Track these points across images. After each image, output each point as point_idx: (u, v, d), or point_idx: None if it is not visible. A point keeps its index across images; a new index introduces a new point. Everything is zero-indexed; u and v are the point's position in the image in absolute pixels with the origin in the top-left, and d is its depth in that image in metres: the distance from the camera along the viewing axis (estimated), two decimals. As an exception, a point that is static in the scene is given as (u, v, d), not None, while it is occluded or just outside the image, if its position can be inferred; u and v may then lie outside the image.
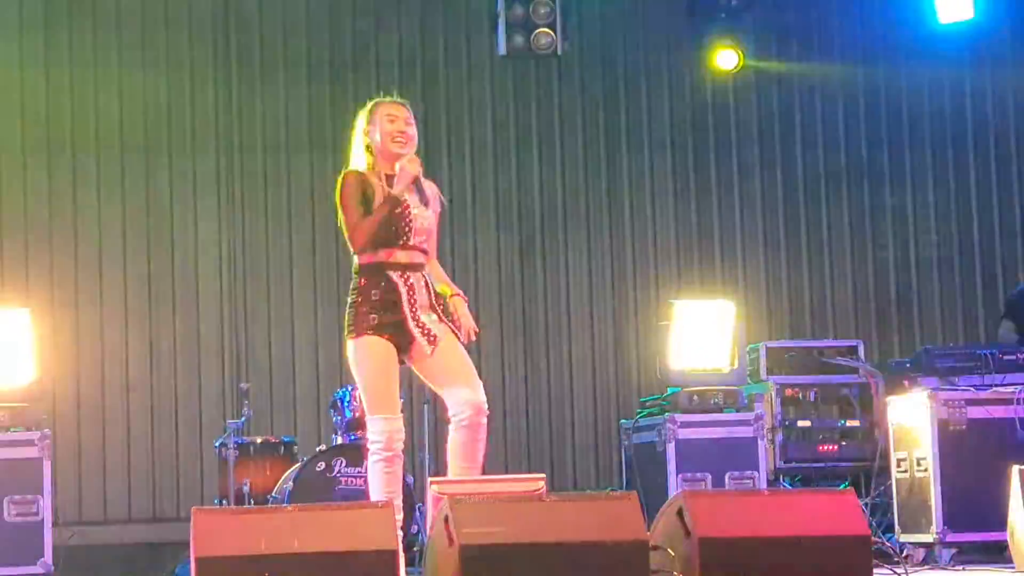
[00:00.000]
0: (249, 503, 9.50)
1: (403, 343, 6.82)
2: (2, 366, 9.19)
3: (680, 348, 9.91)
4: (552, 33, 11.40)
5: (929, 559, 8.91)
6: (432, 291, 6.90)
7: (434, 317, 6.87)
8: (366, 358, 6.80)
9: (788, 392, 10.36)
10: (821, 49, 12.42)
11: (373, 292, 6.80)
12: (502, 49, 11.48)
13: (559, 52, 11.45)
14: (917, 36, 12.20)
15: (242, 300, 11.48)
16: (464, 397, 6.80)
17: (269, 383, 11.44)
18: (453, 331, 6.90)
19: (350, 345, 6.83)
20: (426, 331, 6.83)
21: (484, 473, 6.95)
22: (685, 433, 9.62)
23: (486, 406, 6.81)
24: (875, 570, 6.57)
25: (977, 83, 12.58)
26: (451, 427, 6.83)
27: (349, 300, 6.86)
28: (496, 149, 12.04)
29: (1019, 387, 9.05)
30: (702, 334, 9.95)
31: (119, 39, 11.47)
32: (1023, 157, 12.63)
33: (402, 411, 6.92)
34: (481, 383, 6.84)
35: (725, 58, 12.03)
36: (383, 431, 6.81)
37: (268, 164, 11.69)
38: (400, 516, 6.78)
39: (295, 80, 11.74)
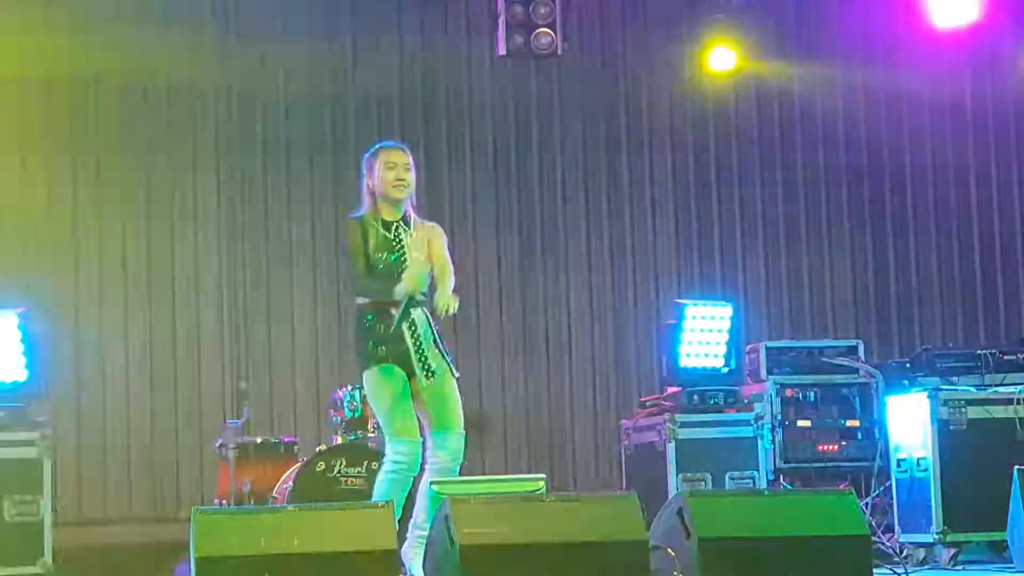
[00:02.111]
0: (249, 503, 9.49)
1: (409, 372, 7.11)
2: (2, 366, 9.19)
3: (680, 348, 9.91)
4: (552, 33, 11.39)
5: (929, 559, 8.91)
6: (435, 327, 7.19)
7: (436, 352, 7.15)
8: (380, 385, 7.11)
9: (788, 392, 10.35)
10: (821, 49, 12.42)
11: (379, 327, 7.11)
12: (502, 49, 11.48)
13: (559, 52, 11.44)
14: (917, 36, 12.19)
15: (242, 300, 11.48)
16: (446, 442, 7.11)
17: (269, 383, 11.44)
18: (451, 368, 7.18)
19: (364, 377, 7.16)
20: (425, 365, 7.09)
21: (484, 473, 7.04)
22: (685, 433, 9.61)
23: (461, 455, 7.14)
24: (875, 570, 6.57)
25: (977, 83, 12.58)
26: (426, 467, 7.11)
27: (356, 336, 7.17)
28: (496, 149, 12.04)
29: (1019, 387, 9.05)
30: (702, 334, 9.95)
31: (119, 39, 11.46)
32: (1023, 157, 12.63)
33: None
34: (462, 432, 7.13)
35: (725, 58, 12.03)
36: (408, 452, 7.06)
37: (268, 164, 11.68)
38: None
39: (295, 80, 11.74)
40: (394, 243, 7.18)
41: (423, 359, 7.10)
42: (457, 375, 7.30)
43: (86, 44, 11.44)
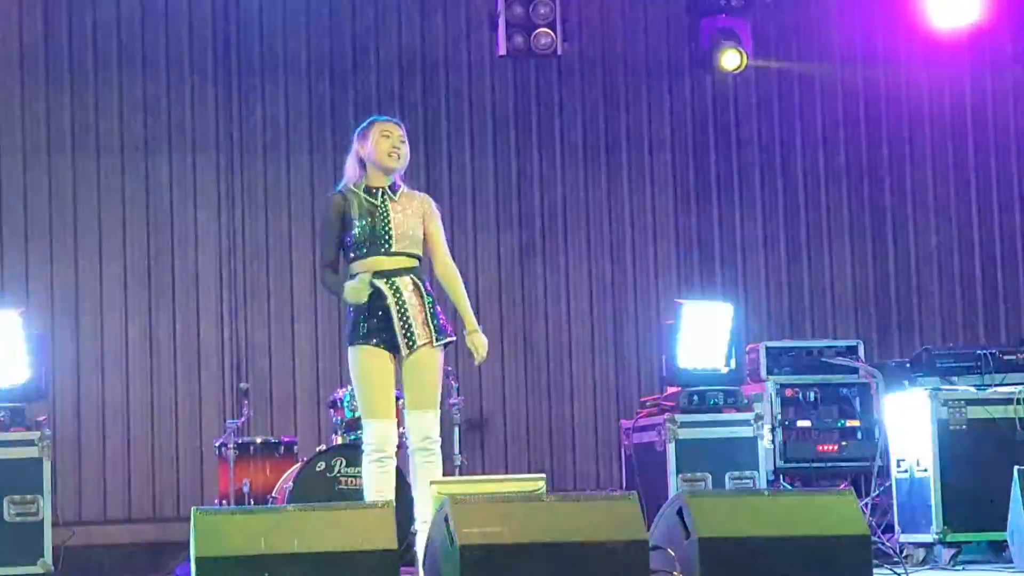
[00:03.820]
0: (249, 503, 9.50)
1: (394, 345, 7.09)
2: (2, 366, 9.19)
3: (680, 348, 9.91)
4: (552, 33, 11.39)
5: (929, 559, 8.91)
6: (424, 295, 7.13)
7: (422, 319, 7.11)
8: (358, 366, 7.12)
9: (788, 392, 10.35)
10: (821, 49, 12.42)
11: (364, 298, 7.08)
12: (502, 49, 11.48)
13: (559, 52, 11.44)
14: (917, 36, 12.19)
15: (242, 300, 11.47)
16: (410, 423, 7.13)
17: (269, 383, 11.44)
18: (440, 335, 7.13)
19: (348, 353, 7.17)
20: (408, 334, 7.06)
21: (484, 473, 7.03)
22: (685, 433, 9.62)
23: (435, 432, 7.11)
24: (875, 570, 6.57)
25: (977, 83, 12.58)
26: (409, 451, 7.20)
27: (347, 309, 7.18)
28: (496, 149, 12.04)
29: (1019, 387, 9.05)
30: (702, 334, 9.95)
31: (119, 39, 11.47)
32: (1023, 157, 12.63)
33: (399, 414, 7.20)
34: (433, 411, 7.13)
35: (725, 58, 12.02)
36: (374, 435, 7.10)
37: (268, 164, 11.69)
38: None
39: (295, 80, 11.74)
40: (379, 208, 7.16)
41: (407, 329, 7.06)
42: (452, 339, 7.24)
43: (86, 45, 11.44)
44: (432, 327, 7.13)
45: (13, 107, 11.32)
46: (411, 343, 7.08)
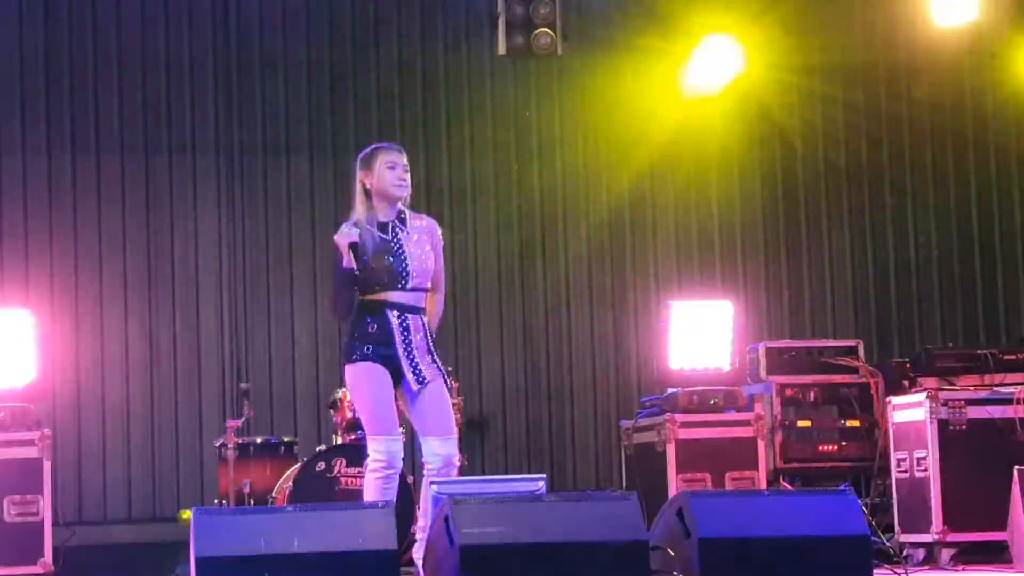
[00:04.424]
0: (249, 503, 9.50)
1: (395, 376, 7.08)
2: (2, 366, 9.19)
3: (680, 348, 9.91)
4: (552, 33, 11.38)
5: (929, 559, 8.92)
6: (429, 337, 7.15)
7: (428, 359, 7.12)
8: (363, 381, 7.07)
9: (788, 392, 10.34)
10: (821, 49, 12.40)
11: (370, 326, 7.07)
12: (502, 49, 11.47)
13: (559, 52, 11.43)
14: (917, 35, 12.18)
15: (242, 300, 11.48)
16: (434, 449, 7.06)
17: (269, 383, 11.44)
18: (444, 377, 7.16)
19: (347, 371, 7.12)
20: (416, 370, 7.06)
21: (484, 473, 7.01)
22: (685, 433, 9.61)
23: (456, 459, 7.10)
24: (875, 570, 6.57)
25: (977, 83, 12.57)
26: (424, 475, 7.10)
27: (350, 331, 7.14)
28: (496, 149, 12.03)
29: (1019, 387, 9.05)
30: (702, 334, 9.95)
31: (119, 39, 11.47)
32: (1023, 157, 12.62)
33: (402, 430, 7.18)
34: (455, 436, 7.11)
35: (725, 57, 12.00)
36: (385, 451, 7.05)
37: (268, 164, 11.69)
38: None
39: (295, 80, 11.74)
40: (392, 244, 7.13)
41: (415, 365, 7.07)
42: (452, 383, 7.28)
43: (86, 45, 11.45)
44: (438, 368, 7.14)
45: (13, 107, 11.32)
46: (421, 380, 7.06)
